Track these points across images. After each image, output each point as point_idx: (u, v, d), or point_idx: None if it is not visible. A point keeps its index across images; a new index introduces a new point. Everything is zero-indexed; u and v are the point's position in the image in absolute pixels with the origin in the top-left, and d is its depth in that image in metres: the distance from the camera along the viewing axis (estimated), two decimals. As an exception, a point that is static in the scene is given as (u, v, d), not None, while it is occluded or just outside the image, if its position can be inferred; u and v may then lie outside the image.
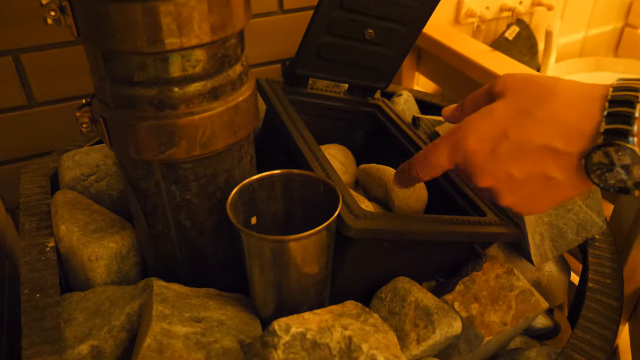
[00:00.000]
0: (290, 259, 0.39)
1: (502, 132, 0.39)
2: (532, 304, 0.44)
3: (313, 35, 0.60)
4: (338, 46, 0.62)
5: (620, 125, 0.35)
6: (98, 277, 0.49)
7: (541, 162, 0.38)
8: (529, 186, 0.39)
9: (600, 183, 0.37)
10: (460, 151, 0.40)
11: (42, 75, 0.76)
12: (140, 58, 0.37)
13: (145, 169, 0.42)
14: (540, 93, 0.38)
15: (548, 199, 0.40)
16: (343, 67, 0.65)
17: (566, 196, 0.40)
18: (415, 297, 0.43)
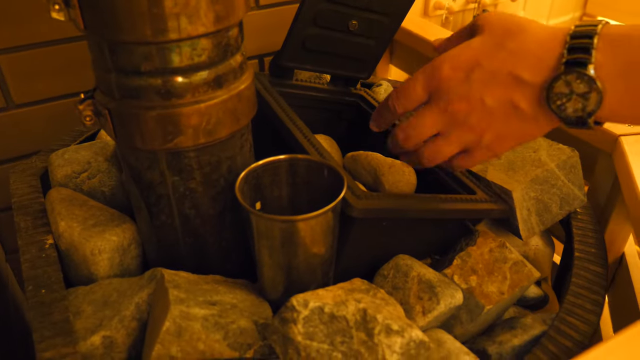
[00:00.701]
0: (299, 239, 0.40)
1: (476, 61, 0.42)
2: (525, 274, 0.47)
3: (299, 27, 0.62)
4: (323, 38, 0.64)
5: (579, 55, 0.38)
6: (101, 270, 0.49)
7: (509, 90, 0.41)
8: (497, 114, 0.42)
9: (560, 113, 0.40)
10: (435, 78, 0.44)
11: (20, 76, 0.74)
12: (147, 48, 0.38)
13: (150, 159, 0.43)
14: (513, 29, 0.42)
15: (514, 132, 0.43)
16: (328, 59, 0.67)
17: (530, 133, 0.43)
18: (417, 272, 0.45)
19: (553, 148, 0.55)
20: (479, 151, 0.46)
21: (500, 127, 0.43)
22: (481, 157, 0.46)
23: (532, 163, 0.54)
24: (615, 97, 0.38)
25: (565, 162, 0.53)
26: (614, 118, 0.40)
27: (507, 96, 0.42)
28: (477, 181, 0.55)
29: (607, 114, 0.39)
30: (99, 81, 0.42)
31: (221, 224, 0.47)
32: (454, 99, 0.43)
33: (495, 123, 0.43)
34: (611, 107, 0.38)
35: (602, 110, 0.39)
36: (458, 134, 0.45)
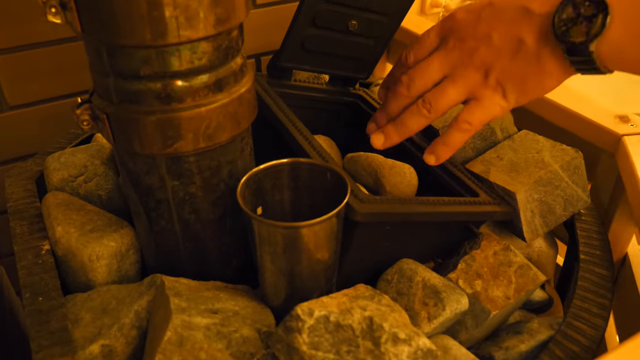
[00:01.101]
0: (302, 246, 0.39)
1: (489, 1, 0.45)
2: (531, 278, 0.46)
3: (298, 27, 0.61)
4: (322, 38, 0.63)
5: None
6: (99, 276, 0.48)
7: (516, 24, 0.42)
8: (503, 51, 0.43)
9: (564, 38, 0.40)
10: (449, 22, 0.47)
11: (14, 77, 0.73)
12: (146, 52, 0.37)
13: (149, 163, 0.42)
14: None
15: (519, 71, 0.43)
16: (327, 59, 0.66)
17: (534, 75, 0.43)
18: (422, 277, 0.44)
19: (556, 149, 0.55)
20: (485, 95, 0.45)
21: (506, 65, 0.44)
22: (489, 103, 0.45)
23: (535, 164, 0.53)
24: (621, 23, 0.38)
25: (569, 163, 0.53)
26: (617, 56, 0.39)
27: (513, 31, 0.42)
28: (479, 183, 0.54)
29: (610, 47, 0.38)
30: (96, 85, 0.41)
31: (222, 229, 0.47)
32: (462, 37, 0.45)
33: (501, 60, 0.44)
34: (616, 36, 0.38)
35: (605, 40, 0.38)
36: (463, 73, 0.45)
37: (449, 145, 0.49)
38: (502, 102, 0.45)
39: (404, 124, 0.51)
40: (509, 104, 0.46)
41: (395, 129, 0.52)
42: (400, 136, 0.52)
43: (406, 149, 0.60)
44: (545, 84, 0.44)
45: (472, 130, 0.47)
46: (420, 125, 0.50)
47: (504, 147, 0.57)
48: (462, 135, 0.48)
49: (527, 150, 0.56)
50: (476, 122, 0.47)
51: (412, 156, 0.59)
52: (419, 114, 0.49)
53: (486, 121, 0.47)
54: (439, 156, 0.50)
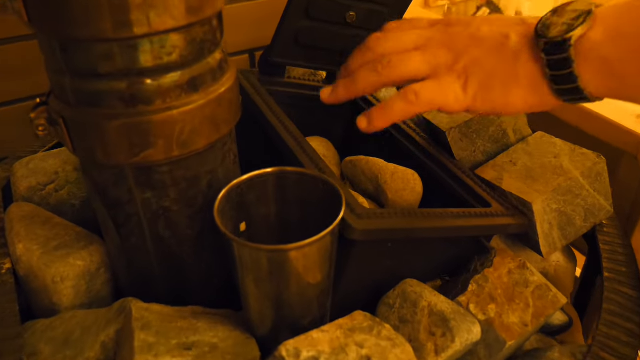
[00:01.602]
0: (291, 270, 0.34)
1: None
2: (550, 300, 0.41)
3: (290, 20, 0.55)
4: (317, 31, 0.57)
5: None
6: (65, 300, 0.43)
7: (509, 25, 0.42)
8: (485, 43, 0.42)
9: (544, 32, 0.39)
10: (447, 17, 0.47)
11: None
12: (105, 46, 0.31)
13: (115, 174, 0.37)
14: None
15: (490, 65, 0.41)
16: (322, 54, 0.60)
17: (504, 73, 0.41)
18: (427, 302, 0.39)
19: (576, 153, 0.49)
20: (446, 78, 0.43)
21: (480, 55, 0.42)
22: (445, 86, 0.42)
23: (553, 171, 0.48)
24: (602, 26, 0.37)
25: (590, 170, 0.48)
26: (596, 62, 0.37)
27: (503, 28, 0.42)
28: (491, 191, 0.49)
29: (589, 49, 0.37)
30: (53, 85, 0.36)
31: (201, 246, 0.41)
32: (452, 24, 0.44)
33: (478, 49, 0.42)
34: (597, 37, 0.37)
35: (585, 41, 0.37)
36: (436, 50, 0.43)
37: (386, 112, 0.44)
38: (459, 92, 0.42)
39: (354, 79, 0.47)
40: (465, 99, 0.42)
41: (344, 83, 0.48)
42: (348, 92, 0.48)
43: (410, 153, 0.55)
44: (510, 93, 0.41)
45: (416, 106, 0.43)
46: (369, 83, 0.46)
47: (518, 150, 0.52)
48: (404, 106, 0.43)
49: (543, 154, 0.50)
50: (424, 98, 0.43)
51: (416, 161, 0.54)
52: (371, 70, 0.45)
53: (433, 104, 0.43)
54: (372, 120, 0.45)
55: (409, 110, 0.43)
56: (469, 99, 0.42)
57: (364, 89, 0.46)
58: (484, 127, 0.53)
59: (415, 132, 0.57)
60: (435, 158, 0.53)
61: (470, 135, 0.53)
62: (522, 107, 0.41)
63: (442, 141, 0.54)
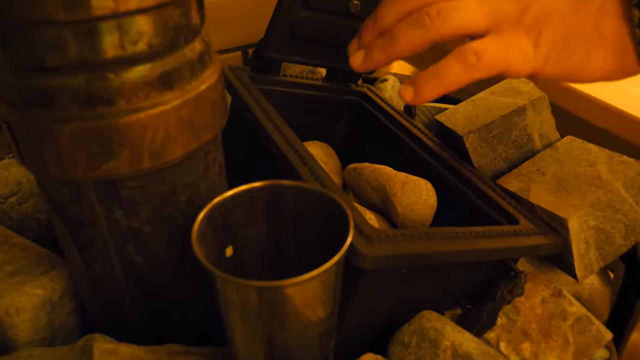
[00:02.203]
0: (287, 309, 0.28)
1: None
2: (593, 336, 0.35)
3: (286, 10, 0.49)
4: (317, 22, 0.51)
5: None
6: (21, 335, 0.36)
7: None
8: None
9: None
10: None
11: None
12: (54, 31, 0.25)
13: (73, 190, 0.30)
14: None
15: (566, 19, 0.34)
16: (322, 48, 0.54)
17: (583, 30, 0.34)
18: (451, 341, 0.32)
19: (615, 161, 0.43)
20: (512, 32, 0.34)
21: (554, 4, 0.34)
22: (512, 43, 0.34)
23: (589, 182, 0.42)
24: None
25: (633, 180, 0.41)
26: None
27: None
28: (517, 204, 0.42)
29: None
30: (-5, 81, 0.29)
31: (181, 273, 0.35)
32: None
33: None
34: None
35: None
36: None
37: (438, 78, 0.36)
38: (530, 50, 0.34)
39: (393, 36, 0.37)
40: (536, 59, 0.34)
41: (380, 43, 0.38)
42: (386, 54, 0.38)
43: (422, 160, 0.49)
44: (591, 55, 0.33)
45: (477, 70, 0.35)
46: (412, 42, 0.36)
47: (546, 158, 0.46)
48: (462, 70, 0.35)
49: (576, 162, 0.44)
50: (488, 59, 0.34)
51: (429, 169, 0.48)
52: (415, 23, 0.36)
53: (498, 67, 0.35)
54: (420, 89, 0.36)
55: (467, 76, 0.35)
56: (540, 59, 0.34)
57: (406, 49, 0.37)
58: (507, 131, 0.47)
59: (427, 137, 0.51)
60: (450, 166, 0.47)
61: (491, 141, 0.47)
62: (601, 74, 0.34)
63: (459, 147, 0.48)
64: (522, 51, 0.34)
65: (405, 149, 0.52)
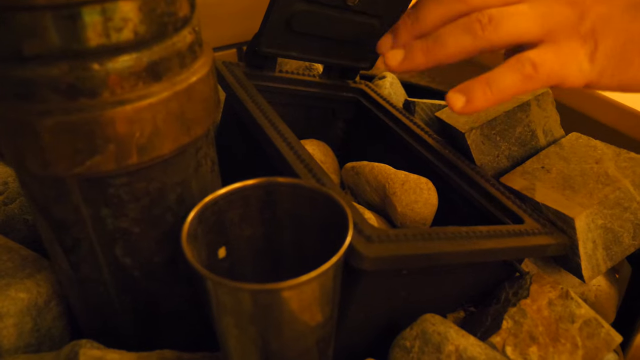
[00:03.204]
0: (283, 313, 0.26)
1: None
2: (602, 339, 0.33)
3: (282, 2, 0.48)
4: (313, 16, 0.49)
5: None
6: (6, 341, 0.35)
7: None
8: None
9: None
10: None
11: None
12: (31, 17, 0.23)
13: (57, 188, 0.29)
14: None
15: (624, 24, 0.33)
16: (319, 43, 0.52)
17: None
18: (455, 346, 0.31)
19: (622, 158, 0.41)
20: (568, 41, 0.33)
21: (612, 12, 0.32)
22: (568, 53, 0.33)
23: (597, 179, 0.40)
24: None
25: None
26: None
27: None
28: (522, 203, 0.41)
29: None
30: (-29, 72, 0.27)
31: (172, 275, 0.33)
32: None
33: (608, 4, 0.33)
34: None
35: None
36: (552, 5, 0.33)
37: (493, 88, 0.34)
38: (585, 62, 0.33)
39: (441, 40, 0.35)
40: (591, 71, 0.33)
41: (424, 46, 0.36)
42: (430, 58, 0.36)
43: (422, 158, 0.47)
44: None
45: (534, 81, 0.33)
46: (461, 48, 0.35)
47: (551, 155, 0.44)
48: (518, 81, 0.33)
49: (582, 159, 0.42)
50: (545, 70, 0.33)
51: (430, 167, 0.46)
52: (465, 30, 0.34)
53: (553, 78, 0.33)
54: (473, 99, 0.34)
55: (523, 87, 0.33)
56: (595, 72, 0.33)
57: (453, 54, 0.35)
58: (510, 128, 0.46)
59: (428, 134, 0.49)
60: (452, 164, 0.45)
61: (494, 138, 0.46)
62: None
63: (460, 144, 0.47)
64: (578, 63, 0.33)
65: (405, 147, 0.50)
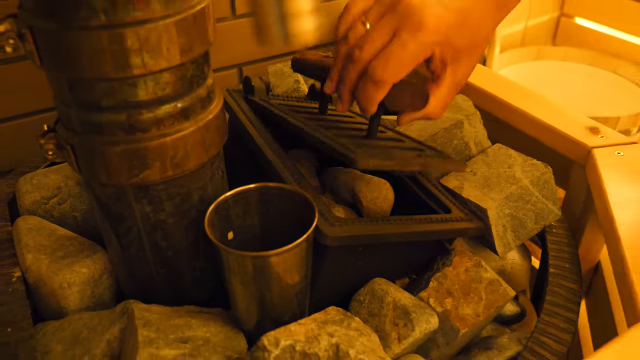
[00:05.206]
0: (272, 273, 0.39)
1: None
2: (501, 294, 0.47)
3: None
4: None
5: None
6: (71, 304, 0.48)
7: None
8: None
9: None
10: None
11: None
12: (107, 84, 0.36)
13: (116, 192, 0.42)
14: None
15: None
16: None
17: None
18: (392, 298, 0.44)
19: (527, 164, 0.55)
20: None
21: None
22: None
23: (506, 180, 0.54)
24: None
25: (539, 179, 0.53)
26: None
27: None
28: (453, 199, 0.54)
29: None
30: (60, 114, 0.41)
31: (195, 253, 0.47)
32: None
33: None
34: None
35: None
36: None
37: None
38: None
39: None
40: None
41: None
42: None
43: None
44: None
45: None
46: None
47: (478, 161, 0.58)
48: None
49: (499, 165, 0.56)
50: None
51: (389, 172, 0.59)
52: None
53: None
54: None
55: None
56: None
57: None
58: (448, 141, 0.59)
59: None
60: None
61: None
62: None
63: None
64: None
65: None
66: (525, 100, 0.67)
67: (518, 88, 0.69)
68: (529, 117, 0.65)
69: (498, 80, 0.71)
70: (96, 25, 0.34)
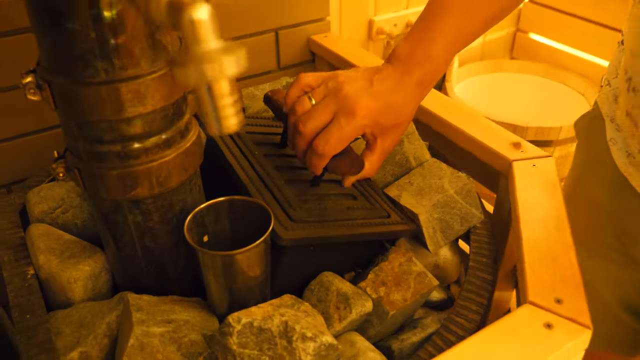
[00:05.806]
0: (237, 268, 0.50)
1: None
2: (426, 283, 0.58)
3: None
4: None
5: None
6: (77, 295, 0.58)
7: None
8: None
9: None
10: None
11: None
12: (107, 124, 0.47)
13: (114, 205, 0.53)
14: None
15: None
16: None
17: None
18: (336, 287, 0.56)
19: (454, 176, 0.66)
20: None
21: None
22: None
23: (436, 190, 0.65)
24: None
25: (462, 188, 0.65)
26: None
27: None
28: (393, 205, 0.66)
29: None
30: (69, 145, 0.51)
31: (177, 253, 0.57)
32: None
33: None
34: None
35: None
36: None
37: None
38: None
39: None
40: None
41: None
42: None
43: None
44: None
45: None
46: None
47: (415, 174, 0.69)
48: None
49: (432, 176, 0.67)
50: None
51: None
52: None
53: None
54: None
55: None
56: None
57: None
58: (392, 156, 0.70)
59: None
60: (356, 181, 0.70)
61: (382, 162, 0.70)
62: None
63: (361, 166, 0.71)
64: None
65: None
66: (462, 117, 0.78)
67: (457, 106, 0.81)
68: (463, 133, 0.77)
69: (440, 100, 0.82)
70: (98, 81, 0.44)
